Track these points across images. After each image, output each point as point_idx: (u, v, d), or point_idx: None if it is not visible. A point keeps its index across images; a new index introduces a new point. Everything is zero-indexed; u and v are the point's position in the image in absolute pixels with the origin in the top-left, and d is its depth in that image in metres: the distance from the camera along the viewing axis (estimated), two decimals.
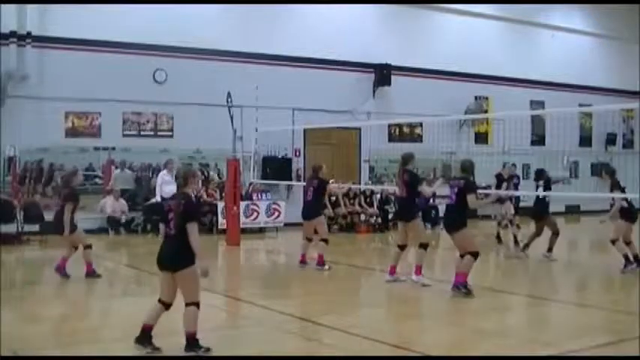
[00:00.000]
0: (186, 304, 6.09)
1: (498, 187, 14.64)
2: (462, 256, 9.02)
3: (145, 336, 6.18)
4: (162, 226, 6.32)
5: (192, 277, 6.06)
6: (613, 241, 11.19)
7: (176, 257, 6.04)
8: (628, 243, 11.20)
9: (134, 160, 17.23)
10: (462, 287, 8.77)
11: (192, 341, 6.10)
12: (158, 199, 14.80)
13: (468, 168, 9.23)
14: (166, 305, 6.25)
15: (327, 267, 11.13)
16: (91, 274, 10.17)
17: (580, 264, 11.66)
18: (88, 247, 10.21)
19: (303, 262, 11.45)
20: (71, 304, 8.62)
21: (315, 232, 11.42)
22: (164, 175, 15.07)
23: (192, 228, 5.99)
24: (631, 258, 11.11)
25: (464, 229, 8.98)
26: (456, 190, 9.01)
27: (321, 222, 11.56)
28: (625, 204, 11.13)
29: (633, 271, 10.87)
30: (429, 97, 19.64)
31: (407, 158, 9.81)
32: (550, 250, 12.35)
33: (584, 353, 6.42)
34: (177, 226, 6.03)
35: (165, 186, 14.57)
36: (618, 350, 6.48)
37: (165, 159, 15.97)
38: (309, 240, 11.53)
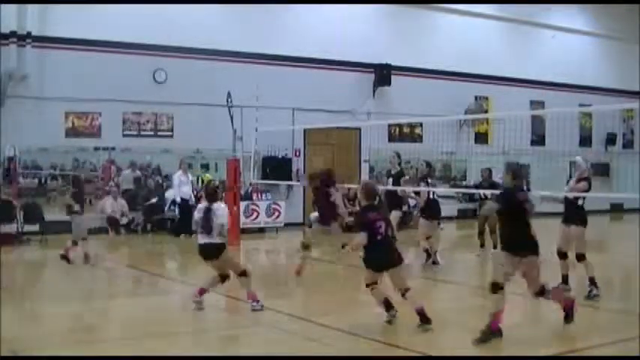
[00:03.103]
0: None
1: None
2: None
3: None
4: (363, 235, 7.08)
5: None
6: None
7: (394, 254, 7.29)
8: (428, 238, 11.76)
9: (134, 161, 17.31)
10: None
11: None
12: (178, 199, 15.84)
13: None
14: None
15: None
16: None
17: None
18: None
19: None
20: (71, 304, 8.62)
21: None
22: (180, 176, 15.55)
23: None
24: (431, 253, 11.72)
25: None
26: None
27: None
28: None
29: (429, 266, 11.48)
30: (429, 97, 19.63)
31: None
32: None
33: (584, 353, 6.43)
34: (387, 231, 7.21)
35: (183, 186, 15.63)
36: (618, 350, 6.48)
37: (165, 159, 16.10)
38: None
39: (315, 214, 10.77)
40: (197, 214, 8.14)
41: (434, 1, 21.14)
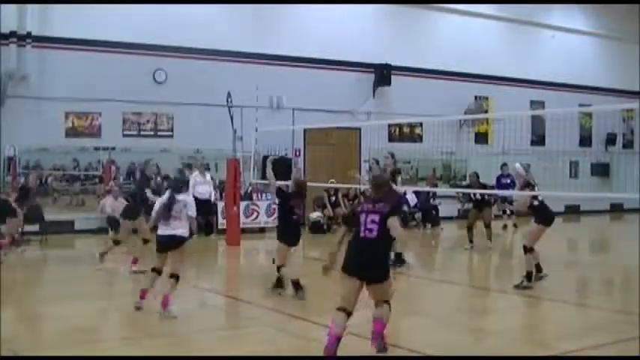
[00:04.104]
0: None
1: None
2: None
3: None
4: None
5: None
6: None
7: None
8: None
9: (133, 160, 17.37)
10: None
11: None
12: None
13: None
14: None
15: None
16: None
17: (579, 264, 11.66)
18: None
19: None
20: (71, 304, 8.61)
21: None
22: (196, 177, 15.56)
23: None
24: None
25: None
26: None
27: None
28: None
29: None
30: (429, 97, 19.62)
31: None
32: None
33: (584, 353, 6.42)
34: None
35: (199, 186, 15.51)
36: (618, 350, 6.48)
37: (166, 159, 16.12)
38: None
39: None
40: (161, 206, 7.85)
41: (434, 1, 21.14)
